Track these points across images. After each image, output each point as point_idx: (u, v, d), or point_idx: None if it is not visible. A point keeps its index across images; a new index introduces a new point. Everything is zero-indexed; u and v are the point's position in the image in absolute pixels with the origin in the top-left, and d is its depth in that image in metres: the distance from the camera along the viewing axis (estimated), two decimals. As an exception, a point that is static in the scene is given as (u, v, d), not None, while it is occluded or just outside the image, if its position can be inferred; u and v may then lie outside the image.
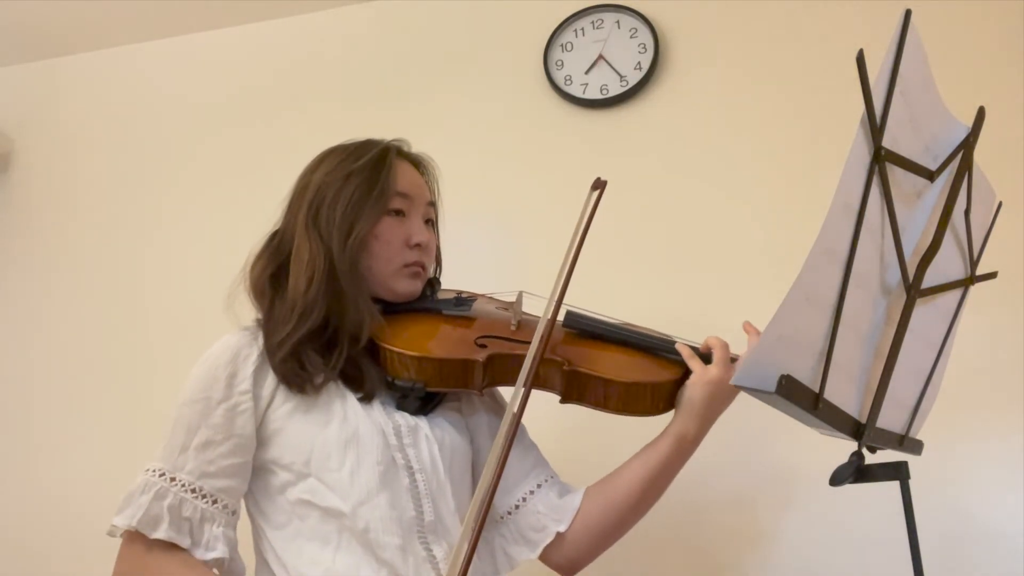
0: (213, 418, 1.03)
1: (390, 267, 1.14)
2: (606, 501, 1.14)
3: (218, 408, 1.03)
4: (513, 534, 1.16)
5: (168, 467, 1.01)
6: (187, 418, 1.03)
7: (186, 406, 1.04)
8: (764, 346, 0.65)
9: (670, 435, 1.11)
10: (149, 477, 1.01)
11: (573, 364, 1.10)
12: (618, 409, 1.11)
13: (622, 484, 1.14)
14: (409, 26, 2.13)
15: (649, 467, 1.12)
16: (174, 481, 1.00)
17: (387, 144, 1.18)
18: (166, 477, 1.00)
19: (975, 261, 0.96)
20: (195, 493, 1.01)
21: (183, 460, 1.01)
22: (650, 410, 1.13)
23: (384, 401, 1.10)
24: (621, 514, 1.14)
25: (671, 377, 1.13)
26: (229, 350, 1.06)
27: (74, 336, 2.14)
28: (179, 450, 1.02)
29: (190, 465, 1.01)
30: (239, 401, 1.04)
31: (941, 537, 1.47)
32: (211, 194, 2.15)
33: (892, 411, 0.87)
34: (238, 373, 1.05)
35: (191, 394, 1.04)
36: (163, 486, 1.00)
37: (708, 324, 1.70)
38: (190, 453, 1.02)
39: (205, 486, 1.01)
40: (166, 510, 0.98)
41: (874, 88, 0.71)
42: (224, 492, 1.03)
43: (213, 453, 1.02)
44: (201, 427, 1.02)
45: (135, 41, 2.32)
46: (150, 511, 0.98)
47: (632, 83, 1.89)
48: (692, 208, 1.82)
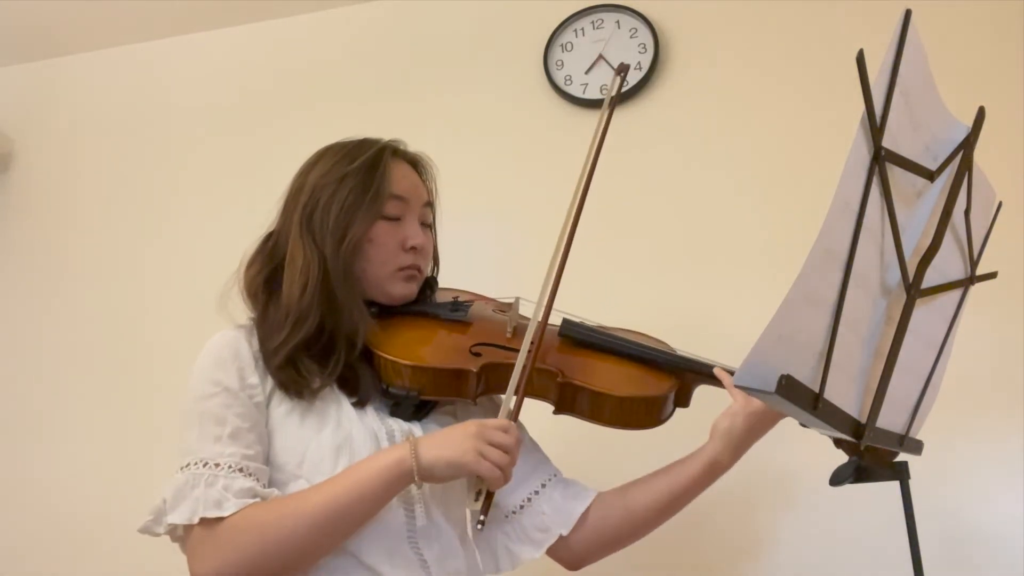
0: (237, 407, 1.02)
1: (385, 270, 1.13)
2: (626, 512, 1.14)
3: (240, 396, 1.02)
4: (517, 532, 1.16)
5: (209, 456, 0.99)
6: (212, 411, 1.01)
7: (204, 400, 1.02)
8: (764, 346, 0.65)
9: (703, 461, 1.10)
10: (193, 471, 0.98)
11: (567, 376, 1.08)
12: (611, 422, 1.11)
13: (644, 499, 1.14)
14: (409, 26, 2.12)
15: (675, 488, 1.12)
16: (219, 466, 0.98)
17: (383, 144, 1.17)
18: (210, 465, 0.98)
19: (975, 261, 0.96)
20: (243, 472, 0.99)
21: (220, 447, 0.99)
22: (644, 424, 1.12)
23: (378, 406, 1.09)
24: (637, 527, 1.15)
25: (666, 391, 1.11)
26: (230, 344, 1.06)
27: (74, 336, 2.13)
28: (213, 440, 1.00)
29: (230, 450, 0.99)
30: (253, 393, 1.04)
31: (941, 537, 1.47)
32: (211, 194, 2.15)
33: (892, 411, 0.87)
34: (245, 367, 1.04)
35: (205, 388, 1.03)
36: (211, 473, 0.98)
37: (707, 323, 1.71)
38: (225, 441, 1.00)
39: (250, 466, 1.00)
40: (223, 490, 0.96)
41: (874, 88, 0.71)
42: (264, 474, 1.02)
43: (248, 438, 1.01)
44: (228, 417, 1.01)
45: (135, 41, 2.32)
46: (209, 497, 0.96)
47: (632, 83, 1.89)
48: (692, 208, 1.82)
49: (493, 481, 0.98)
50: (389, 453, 0.98)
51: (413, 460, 0.96)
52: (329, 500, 0.96)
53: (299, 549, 0.95)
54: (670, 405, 1.14)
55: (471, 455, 0.96)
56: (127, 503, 1.95)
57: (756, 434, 1.10)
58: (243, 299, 1.13)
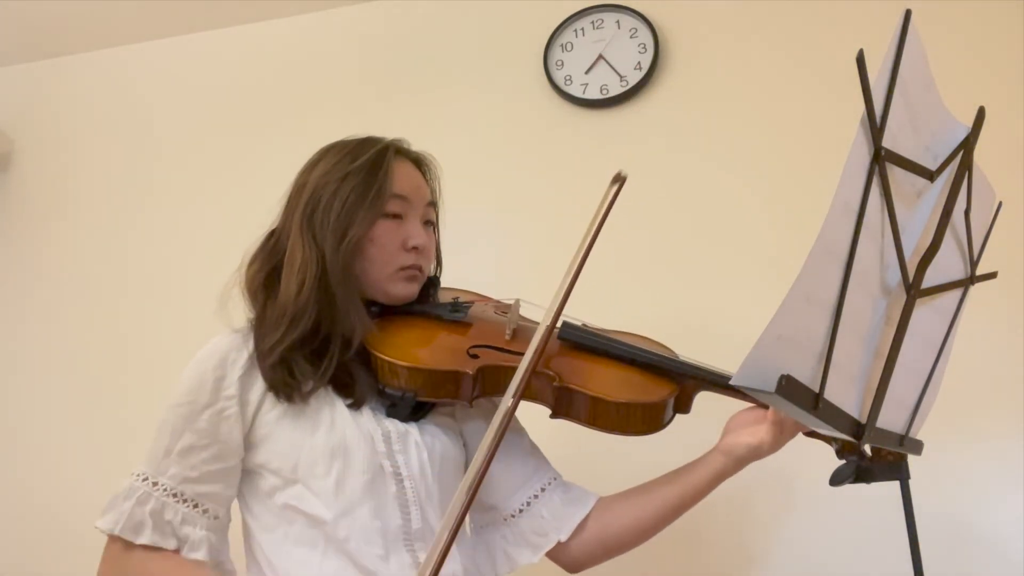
0: (198, 423, 1.02)
1: (386, 270, 1.12)
2: (628, 519, 1.14)
3: (204, 413, 1.02)
4: (516, 536, 1.15)
5: (151, 471, 1.02)
6: (172, 422, 1.03)
7: (172, 409, 1.04)
8: (764, 346, 0.65)
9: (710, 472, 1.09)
10: (133, 481, 1.02)
11: (564, 380, 1.07)
12: (608, 428, 1.08)
13: (648, 506, 1.13)
14: (409, 26, 2.12)
15: (680, 496, 1.11)
16: (156, 486, 1.01)
17: (386, 143, 1.16)
18: (148, 482, 1.01)
19: (975, 261, 0.96)
20: (176, 497, 1.01)
21: (166, 464, 1.02)
22: (643, 430, 1.09)
23: (374, 407, 1.09)
24: (639, 533, 1.15)
25: (665, 397, 1.09)
26: (217, 354, 1.05)
27: (73, 336, 2.14)
28: (163, 454, 1.02)
29: (172, 470, 1.02)
30: (225, 406, 1.03)
31: (941, 537, 1.47)
32: (211, 194, 2.15)
33: (892, 411, 0.87)
34: (226, 377, 1.04)
35: (177, 398, 1.04)
36: (145, 491, 1.00)
37: (707, 323, 1.71)
38: (173, 457, 1.02)
39: (187, 491, 1.02)
40: (148, 515, 0.99)
41: (874, 88, 0.71)
42: (206, 497, 1.03)
43: (196, 458, 1.02)
44: (185, 431, 1.02)
45: (135, 41, 2.32)
46: (133, 517, 0.99)
47: (632, 83, 1.89)
48: (692, 208, 1.82)
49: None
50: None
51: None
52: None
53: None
54: (670, 411, 1.11)
55: None
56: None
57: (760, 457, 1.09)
58: (244, 298, 1.12)
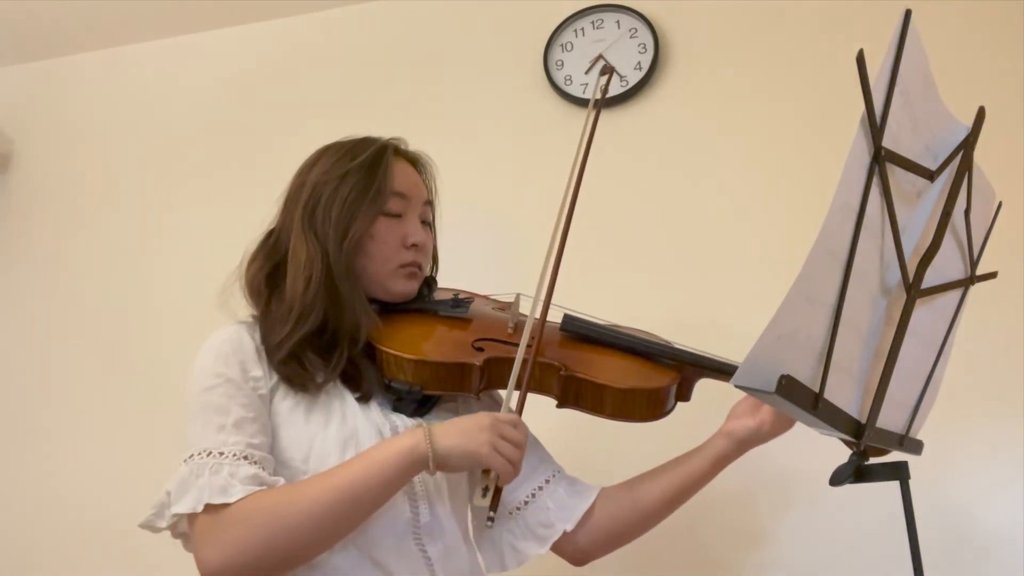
0: (240, 399, 1.01)
1: (386, 267, 1.13)
2: (632, 506, 1.15)
3: (242, 388, 1.02)
4: (522, 529, 1.16)
5: (212, 445, 0.97)
6: (213, 403, 1.00)
7: (205, 393, 1.01)
8: (764, 346, 0.65)
9: (712, 457, 1.13)
10: (197, 461, 0.96)
11: (569, 369, 1.09)
12: (614, 415, 1.11)
13: (651, 493, 1.15)
14: (409, 26, 2.12)
15: (683, 482, 1.14)
16: (223, 455, 0.96)
17: (384, 142, 1.17)
18: (213, 454, 0.96)
19: (975, 261, 0.96)
20: (248, 459, 0.97)
21: (224, 437, 0.98)
22: (646, 416, 1.12)
23: (381, 402, 1.10)
24: (644, 520, 1.17)
25: (667, 384, 1.12)
26: (231, 339, 1.05)
27: (75, 336, 2.13)
28: (217, 430, 0.98)
29: (234, 438, 0.98)
30: (256, 385, 1.03)
31: (941, 537, 1.47)
32: (211, 193, 2.15)
33: (892, 411, 0.87)
34: (247, 360, 1.04)
35: (207, 380, 1.02)
36: (215, 462, 0.96)
37: (708, 323, 1.71)
38: (229, 430, 0.98)
39: (254, 454, 0.98)
40: (228, 477, 0.95)
41: (874, 88, 0.71)
42: (270, 463, 1.00)
43: (251, 428, 1.00)
44: (231, 407, 1.00)
45: (136, 41, 2.32)
46: (214, 484, 0.94)
47: (632, 83, 1.89)
48: (692, 207, 1.82)
49: (505, 475, 0.97)
50: (402, 440, 0.97)
51: (428, 447, 0.95)
52: (342, 484, 0.94)
53: (308, 534, 0.93)
54: (672, 398, 1.14)
55: (486, 448, 0.95)
56: (128, 501, 1.95)
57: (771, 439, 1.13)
58: (244, 296, 1.13)
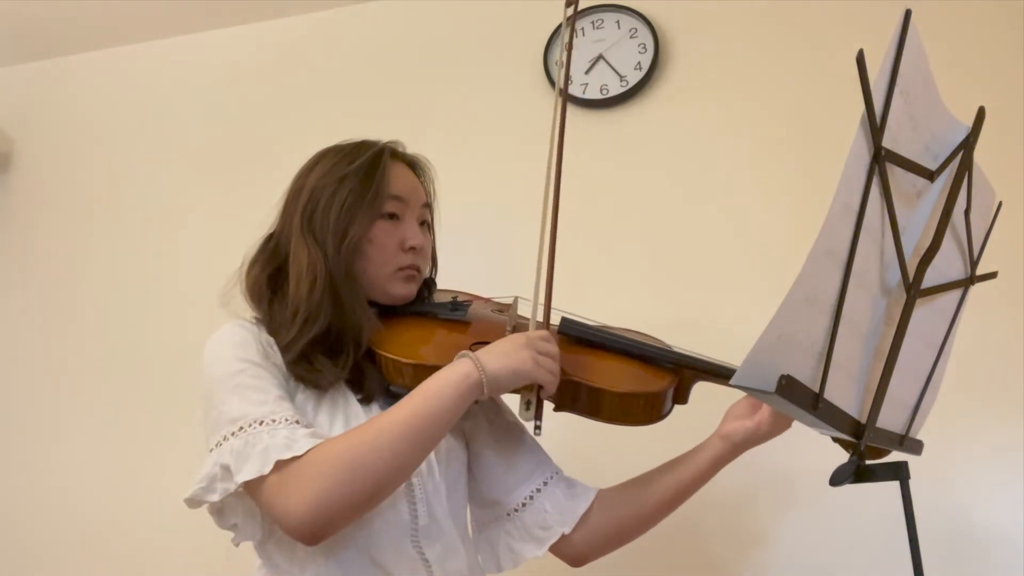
0: (271, 379, 1.01)
1: (385, 270, 1.13)
2: (630, 508, 1.16)
3: (271, 369, 1.02)
4: (519, 531, 1.16)
5: (261, 415, 0.96)
6: (248, 383, 0.99)
7: (238, 375, 0.99)
8: (764, 346, 0.65)
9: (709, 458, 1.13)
10: (249, 432, 0.94)
11: (566, 372, 1.08)
12: (610, 418, 1.11)
13: (649, 495, 1.15)
14: (409, 26, 2.12)
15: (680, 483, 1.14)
16: (275, 421, 0.96)
17: (382, 146, 1.17)
18: (266, 423, 0.95)
19: (975, 261, 0.96)
20: (299, 423, 0.97)
21: (270, 408, 0.97)
22: (643, 420, 1.12)
23: (383, 404, 1.09)
24: (642, 522, 1.17)
25: (664, 387, 1.12)
26: (245, 328, 1.06)
27: (75, 335, 2.14)
28: (259, 404, 0.97)
29: (280, 409, 0.97)
30: (280, 371, 1.03)
31: (941, 537, 1.47)
32: (212, 193, 2.15)
33: (892, 411, 0.87)
34: (262, 350, 1.04)
35: (233, 365, 1.00)
36: (268, 428, 0.95)
37: (708, 324, 1.71)
38: (272, 403, 0.98)
39: (303, 420, 0.98)
40: (288, 435, 0.94)
41: (874, 88, 0.71)
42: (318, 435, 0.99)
43: (289, 405, 1.00)
44: (267, 386, 0.99)
45: (136, 41, 2.32)
46: (276, 445, 0.93)
47: (632, 83, 1.89)
48: (692, 207, 1.82)
49: (549, 385, 1.02)
50: (454, 368, 0.99)
51: (481, 373, 0.98)
52: (409, 415, 0.96)
53: (388, 465, 0.93)
54: (669, 401, 1.14)
55: (530, 363, 1.00)
56: (128, 501, 1.96)
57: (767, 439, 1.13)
58: (245, 299, 1.13)
